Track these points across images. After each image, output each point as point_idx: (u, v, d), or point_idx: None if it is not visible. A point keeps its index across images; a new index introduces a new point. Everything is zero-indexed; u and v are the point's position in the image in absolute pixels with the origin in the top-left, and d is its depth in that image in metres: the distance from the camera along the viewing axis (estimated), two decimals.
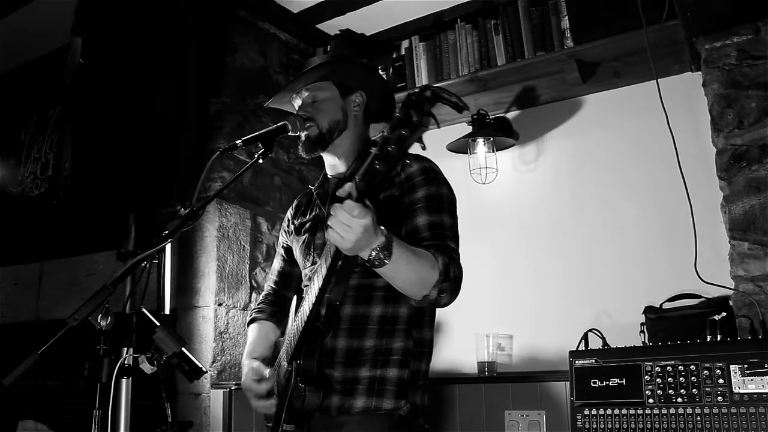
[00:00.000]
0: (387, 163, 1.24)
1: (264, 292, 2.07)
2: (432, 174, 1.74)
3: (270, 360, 1.89)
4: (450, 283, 1.55)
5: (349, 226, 1.31)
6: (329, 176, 1.91)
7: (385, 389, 1.65)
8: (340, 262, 1.52)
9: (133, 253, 1.91)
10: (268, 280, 2.08)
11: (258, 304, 2.05)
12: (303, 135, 1.80)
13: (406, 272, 1.49)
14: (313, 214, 1.89)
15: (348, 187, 1.31)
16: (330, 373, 1.66)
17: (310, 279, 1.80)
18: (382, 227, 1.41)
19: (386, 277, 1.51)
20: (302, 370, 1.60)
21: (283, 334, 1.97)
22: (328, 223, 1.34)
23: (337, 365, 1.66)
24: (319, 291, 1.55)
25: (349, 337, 1.68)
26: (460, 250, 1.69)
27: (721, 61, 2.33)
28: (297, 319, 1.68)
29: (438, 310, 1.78)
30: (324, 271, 1.51)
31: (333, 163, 1.88)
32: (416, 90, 1.23)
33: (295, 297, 1.89)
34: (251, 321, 2.02)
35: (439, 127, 1.27)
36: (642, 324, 2.41)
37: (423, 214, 1.68)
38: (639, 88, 2.89)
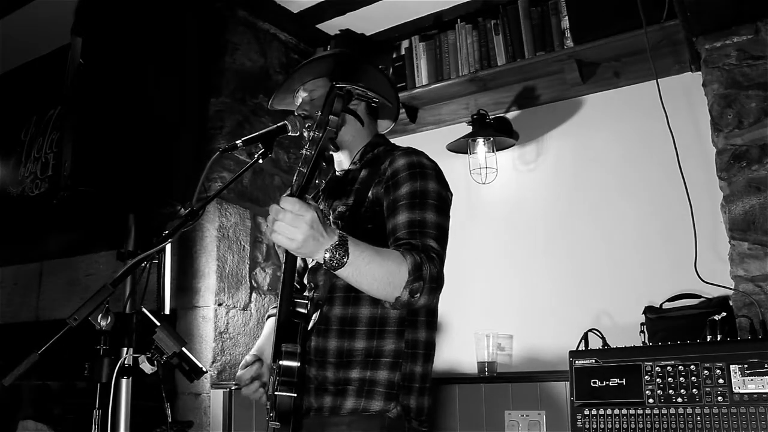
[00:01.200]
0: (307, 164, 1.30)
1: None
2: (418, 168, 1.67)
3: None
4: (424, 283, 1.46)
5: (294, 226, 1.28)
6: (334, 172, 1.92)
7: (374, 391, 1.62)
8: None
9: (133, 253, 1.91)
10: None
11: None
12: (305, 137, 1.80)
13: (369, 272, 1.42)
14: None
15: (288, 192, 1.34)
16: (323, 374, 1.65)
17: (309, 274, 1.81)
18: (335, 227, 1.39)
19: (350, 280, 1.43)
20: (282, 369, 1.57)
21: None
22: (271, 226, 1.30)
23: (330, 366, 1.65)
24: (281, 291, 1.54)
25: (339, 338, 1.65)
26: (446, 249, 1.63)
27: (721, 61, 2.33)
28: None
29: (439, 309, 1.77)
30: (282, 271, 1.51)
31: (339, 159, 1.88)
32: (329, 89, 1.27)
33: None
34: (269, 316, 2.02)
35: (363, 126, 1.29)
36: (642, 324, 2.41)
37: (404, 211, 1.60)
38: (639, 88, 2.89)
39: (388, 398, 1.62)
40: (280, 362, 1.56)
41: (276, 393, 1.53)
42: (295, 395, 1.54)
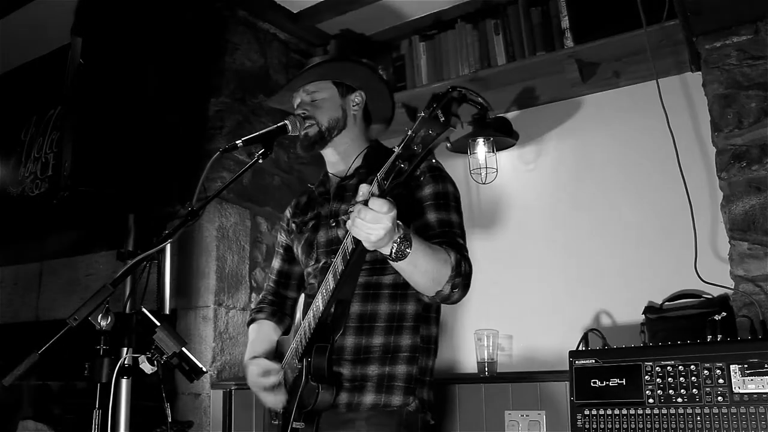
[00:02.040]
0: (411, 162, 1.26)
1: (263, 292, 2.07)
2: (438, 171, 1.76)
3: (273, 359, 1.88)
4: (462, 279, 1.57)
5: (378, 222, 1.32)
6: (330, 174, 1.91)
7: (394, 386, 1.66)
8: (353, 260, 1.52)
9: (133, 253, 1.92)
10: (268, 280, 2.07)
11: (258, 304, 2.04)
12: (302, 133, 1.80)
13: (424, 264, 1.50)
14: (315, 212, 1.89)
15: (366, 188, 1.32)
16: (339, 371, 1.67)
17: (315, 277, 1.80)
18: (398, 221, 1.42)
19: (405, 271, 1.50)
20: (314, 368, 1.61)
21: (285, 332, 1.97)
22: (354, 221, 1.33)
23: (346, 363, 1.67)
24: (334, 289, 1.56)
25: (357, 334, 1.69)
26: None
27: (721, 61, 2.33)
28: (308, 316, 1.68)
29: (441, 307, 1.79)
30: (341, 268, 1.51)
31: (333, 161, 1.89)
32: (444, 90, 1.23)
33: (302, 295, 1.89)
34: (251, 321, 2.02)
35: (463, 128, 1.27)
36: (642, 324, 2.41)
37: (432, 211, 1.69)
38: (639, 88, 2.89)
39: (407, 392, 1.67)
40: (311, 359, 1.60)
41: (318, 391, 1.59)
42: (335, 392, 1.61)
